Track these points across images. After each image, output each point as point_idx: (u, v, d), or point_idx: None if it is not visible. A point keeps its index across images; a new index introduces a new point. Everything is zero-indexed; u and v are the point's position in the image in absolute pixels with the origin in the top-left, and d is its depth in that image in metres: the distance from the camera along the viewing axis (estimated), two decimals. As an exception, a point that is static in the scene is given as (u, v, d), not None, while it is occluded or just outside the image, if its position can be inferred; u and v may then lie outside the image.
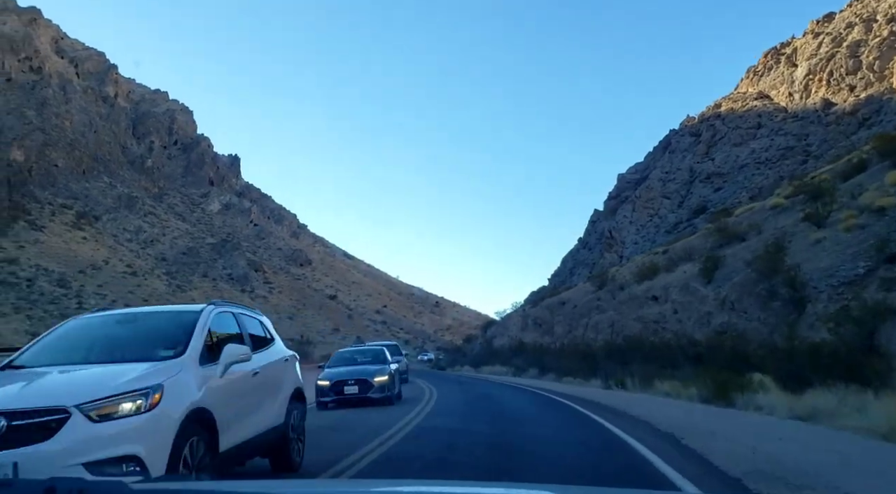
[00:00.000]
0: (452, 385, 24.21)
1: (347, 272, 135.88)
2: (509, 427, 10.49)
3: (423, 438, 9.19)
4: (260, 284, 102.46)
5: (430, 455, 7.79)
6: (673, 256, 26.58)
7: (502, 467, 6.75)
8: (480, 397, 18.27)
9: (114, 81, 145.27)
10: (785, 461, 6.19)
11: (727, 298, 19.52)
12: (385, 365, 17.09)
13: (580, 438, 9.01)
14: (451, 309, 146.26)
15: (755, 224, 24.05)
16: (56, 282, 71.29)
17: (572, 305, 31.29)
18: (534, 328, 34.82)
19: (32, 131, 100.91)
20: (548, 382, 23.56)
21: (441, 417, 12.37)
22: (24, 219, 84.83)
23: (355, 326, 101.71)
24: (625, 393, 16.31)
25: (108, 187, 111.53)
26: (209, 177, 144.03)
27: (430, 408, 14.55)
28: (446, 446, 8.33)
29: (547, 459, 7.35)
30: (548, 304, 35.18)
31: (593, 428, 10.09)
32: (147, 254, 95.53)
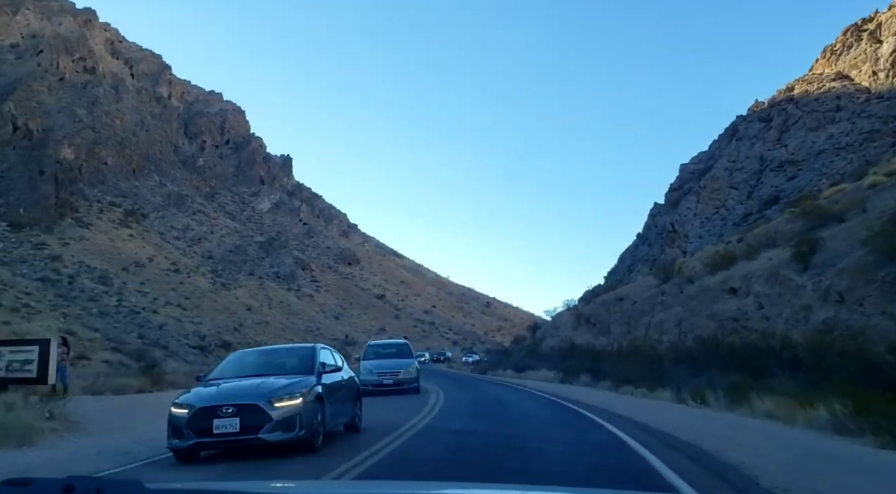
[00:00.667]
0: (469, 394, 20.75)
1: (396, 271, 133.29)
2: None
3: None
4: (307, 283, 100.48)
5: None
6: (752, 243, 22.45)
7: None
8: (503, 416, 14.59)
9: (168, 82, 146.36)
10: None
11: (831, 288, 15.45)
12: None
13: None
14: (503, 310, 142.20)
15: (857, 200, 19.81)
16: (98, 280, 70.20)
17: (631, 301, 27.32)
18: (587, 328, 30.92)
19: (83, 129, 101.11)
20: (602, 391, 19.76)
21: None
22: (72, 216, 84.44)
23: (402, 326, 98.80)
24: (708, 411, 12.50)
25: (158, 185, 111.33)
26: (259, 176, 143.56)
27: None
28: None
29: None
30: (603, 301, 31.17)
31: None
32: (193, 252, 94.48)
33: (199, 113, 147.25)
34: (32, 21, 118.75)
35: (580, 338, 29.64)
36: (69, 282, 67.28)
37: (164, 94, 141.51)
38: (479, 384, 26.54)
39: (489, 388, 23.16)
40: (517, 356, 41.04)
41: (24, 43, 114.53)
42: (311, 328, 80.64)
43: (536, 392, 20.71)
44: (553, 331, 37.85)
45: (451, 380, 27.26)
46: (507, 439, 10.29)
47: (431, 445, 9.78)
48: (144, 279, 74.37)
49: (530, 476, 6.85)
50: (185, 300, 72.81)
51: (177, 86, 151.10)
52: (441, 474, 6.99)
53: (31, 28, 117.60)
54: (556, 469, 7.43)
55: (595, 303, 32.25)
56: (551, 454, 8.67)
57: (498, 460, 8.15)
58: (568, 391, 20.48)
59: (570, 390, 20.61)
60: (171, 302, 70.68)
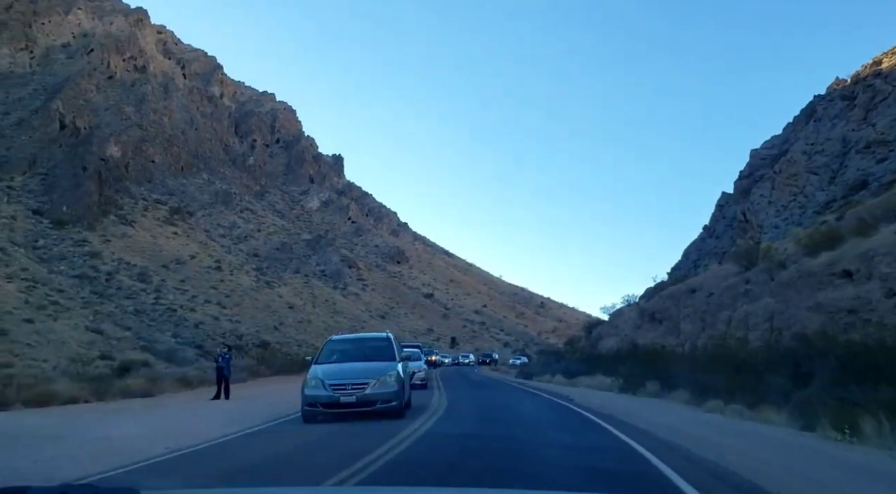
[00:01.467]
0: (484, 411, 16.07)
1: (446, 270, 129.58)
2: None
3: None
4: (353, 281, 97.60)
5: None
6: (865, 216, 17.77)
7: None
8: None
9: (220, 82, 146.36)
10: None
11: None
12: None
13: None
14: (558, 311, 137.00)
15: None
16: (137, 277, 68.38)
17: (706, 293, 22.75)
18: (651, 325, 26.40)
19: (130, 127, 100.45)
20: (678, 407, 14.84)
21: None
22: (115, 213, 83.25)
23: (450, 326, 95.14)
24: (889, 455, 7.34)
25: (206, 184, 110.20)
26: (309, 175, 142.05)
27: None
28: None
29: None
30: (672, 294, 26.42)
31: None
32: (239, 250, 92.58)
33: (250, 112, 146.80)
34: (84, 21, 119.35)
35: (644, 338, 25.12)
36: (107, 280, 65.53)
37: (216, 94, 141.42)
38: (510, 394, 21.47)
39: (519, 403, 18.13)
40: (569, 359, 36.61)
41: (75, 42, 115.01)
42: (356, 327, 77.40)
43: (584, 411, 15.12)
44: (611, 331, 33.30)
45: (479, 388, 23.26)
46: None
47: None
48: (185, 276, 72.36)
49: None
50: (226, 298, 70.48)
51: (229, 86, 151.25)
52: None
53: (82, 27, 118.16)
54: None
55: (661, 297, 27.49)
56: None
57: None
58: (629, 405, 15.60)
59: (631, 404, 15.87)
60: (210, 301, 68.40)
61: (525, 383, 27.42)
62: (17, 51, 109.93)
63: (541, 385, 25.42)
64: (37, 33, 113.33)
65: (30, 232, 72.42)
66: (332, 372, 13.70)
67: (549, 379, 27.38)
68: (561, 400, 18.19)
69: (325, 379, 13.44)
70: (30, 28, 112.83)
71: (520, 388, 22.95)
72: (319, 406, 13.33)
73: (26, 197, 79.71)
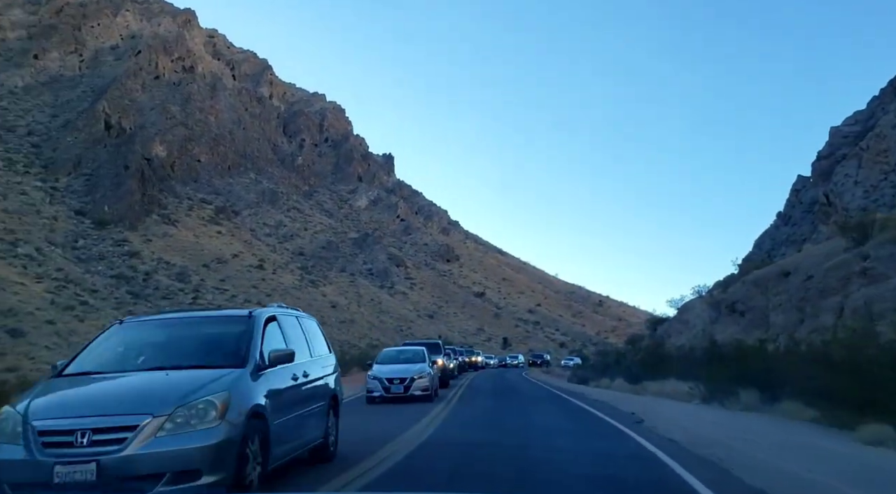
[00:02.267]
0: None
1: (498, 268, 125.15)
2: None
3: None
4: (401, 280, 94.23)
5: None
6: None
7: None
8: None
9: (269, 83, 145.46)
10: None
11: None
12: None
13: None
14: (617, 309, 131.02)
15: None
16: (175, 276, 66.34)
17: (803, 276, 18.18)
18: (731, 319, 21.83)
19: (175, 126, 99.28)
20: (814, 431, 9.73)
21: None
22: (158, 213, 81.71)
23: (502, 326, 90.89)
24: None
25: (253, 183, 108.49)
26: (357, 174, 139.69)
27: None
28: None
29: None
30: (756, 280, 21.73)
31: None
32: (284, 249, 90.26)
33: (299, 112, 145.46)
34: (132, 22, 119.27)
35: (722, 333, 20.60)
36: (144, 279, 63.67)
37: (266, 95, 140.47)
38: (550, 413, 14.54)
39: (557, 432, 11.08)
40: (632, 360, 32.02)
41: (123, 44, 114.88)
42: (401, 327, 74.04)
43: (672, 459, 7.83)
44: (680, 326, 28.76)
45: (509, 399, 17.83)
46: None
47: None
48: (225, 276, 70.10)
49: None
50: (266, 297, 67.73)
51: (278, 87, 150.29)
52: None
53: (130, 29, 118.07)
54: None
55: (744, 285, 22.71)
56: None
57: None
58: (742, 435, 9.56)
59: (744, 434, 9.70)
60: (250, 300, 65.76)
61: (577, 391, 21.96)
62: (67, 54, 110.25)
63: (598, 392, 20.31)
64: (86, 36, 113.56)
65: (70, 232, 71.27)
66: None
67: (609, 384, 22.82)
68: (624, 424, 11.79)
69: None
70: (79, 31, 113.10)
71: (567, 401, 17.51)
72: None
73: (70, 197, 78.84)
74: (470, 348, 55.67)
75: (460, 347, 52.24)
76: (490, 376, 38.33)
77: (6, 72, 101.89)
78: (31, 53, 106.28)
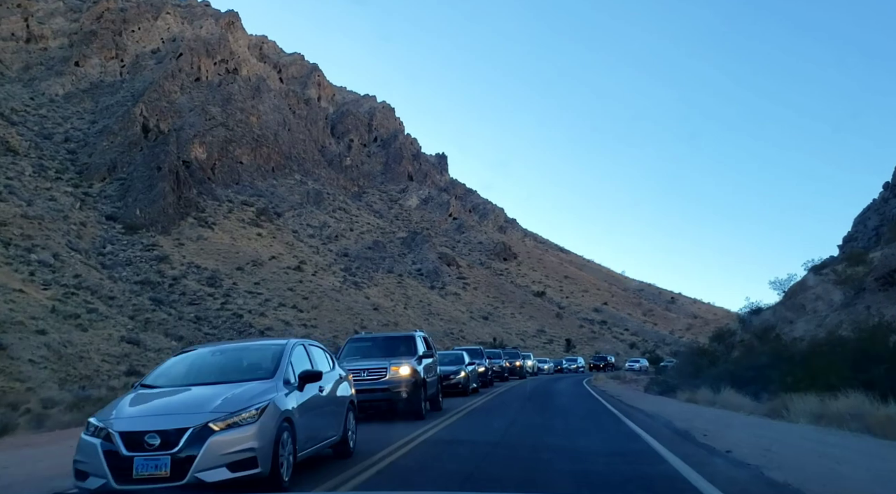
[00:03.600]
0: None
1: (560, 266, 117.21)
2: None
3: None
4: (452, 280, 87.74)
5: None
6: None
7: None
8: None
9: (317, 84, 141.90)
10: None
11: None
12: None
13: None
14: (691, 307, 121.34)
15: None
16: (205, 281, 61.47)
17: None
18: (888, 293, 14.84)
19: (214, 127, 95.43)
20: None
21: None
22: (194, 216, 77.43)
23: (565, 326, 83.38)
24: None
25: (298, 184, 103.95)
26: (408, 172, 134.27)
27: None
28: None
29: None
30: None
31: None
32: (328, 250, 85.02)
33: (347, 112, 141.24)
34: (173, 25, 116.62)
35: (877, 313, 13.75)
36: (170, 285, 59.01)
37: (314, 97, 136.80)
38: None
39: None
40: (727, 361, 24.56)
41: (164, 48, 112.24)
42: (452, 330, 67.53)
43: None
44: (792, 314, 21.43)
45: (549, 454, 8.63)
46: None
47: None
48: (260, 278, 64.97)
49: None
50: (303, 300, 62.37)
51: (327, 89, 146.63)
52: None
53: (171, 32, 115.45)
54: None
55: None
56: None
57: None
58: None
59: None
60: (284, 304, 60.48)
61: (662, 415, 13.10)
62: (108, 60, 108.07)
63: (693, 411, 13.24)
64: (127, 41, 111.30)
65: (99, 237, 67.52)
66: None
67: (713, 398, 14.94)
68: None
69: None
70: (120, 36, 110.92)
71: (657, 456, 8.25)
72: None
73: (103, 202, 75.40)
74: (514, 349, 47.64)
75: (501, 349, 45.17)
76: (537, 386, 28.80)
77: (47, 80, 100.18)
78: (73, 61, 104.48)
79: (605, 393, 22.17)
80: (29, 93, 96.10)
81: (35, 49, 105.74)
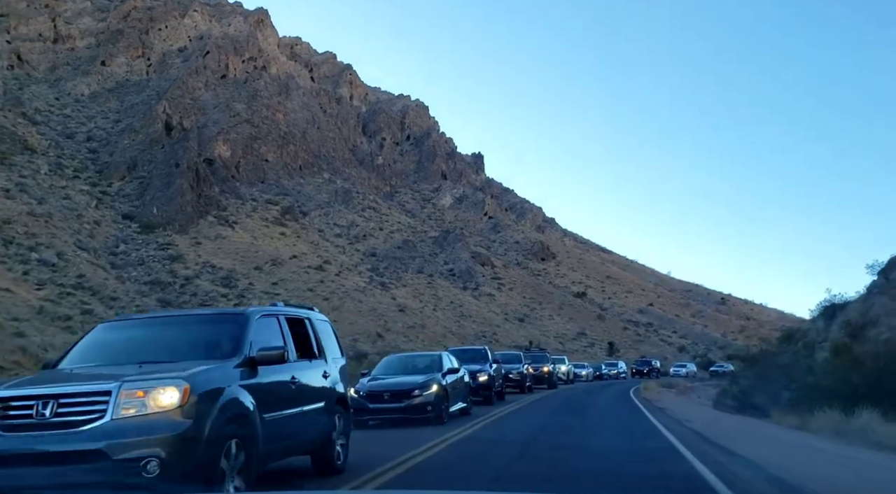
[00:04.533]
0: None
1: (602, 266, 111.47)
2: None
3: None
4: (486, 280, 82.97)
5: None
6: None
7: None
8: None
9: (349, 83, 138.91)
10: None
11: None
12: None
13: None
14: (743, 307, 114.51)
15: None
16: (220, 281, 57.84)
17: None
18: None
19: (239, 124, 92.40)
20: None
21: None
22: (215, 214, 74.21)
23: (608, 329, 77.97)
24: None
25: (326, 183, 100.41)
26: (442, 171, 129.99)
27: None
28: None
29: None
30: None
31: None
32: (355, 250, 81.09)
33: (379, 110, 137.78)
34: (200, 23, 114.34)
35: None
36: (182, 285, 55.49)
37: (346, 96, 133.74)
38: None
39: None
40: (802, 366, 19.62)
41: (191, 46, 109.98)
42: (485, 332, 62.74)
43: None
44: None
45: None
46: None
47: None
48: (279, 278, 61.21)
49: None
50: (323, 301, 58.28)
51: (359, 88, 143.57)
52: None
53: (198, 30, 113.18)
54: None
55: None
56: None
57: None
58: None
59: None
60: (303, 305, 56.43)
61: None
62: (134, 58, 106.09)
63: (854, 461, 7.80)
64: (153, 39, 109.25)
65: (113, 237, 64.58)
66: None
67: (780, 419, 9.68)
68: None
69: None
70: (146, 35, 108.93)
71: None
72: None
73: (121, 201, 72.68)
74: (541, 350, 41.75)
75: (538, 351, 40.03)
76: (567, 401, 22.96)
77: (73, 80, 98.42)
78: (99, 60, 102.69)
79: (667, 414, 16.38)
80: (55, 93, 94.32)
81: (62, 49, 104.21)
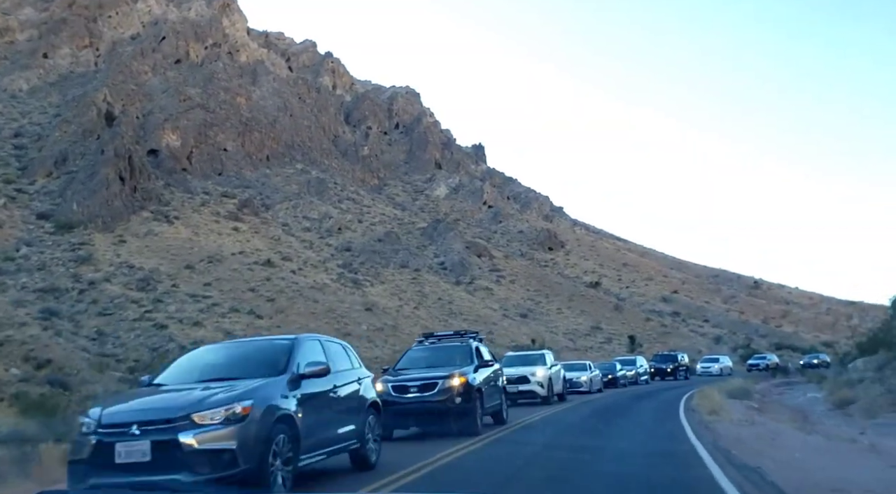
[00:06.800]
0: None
1: (617, 253, 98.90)
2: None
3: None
4: (483, 273, 70.73)
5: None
6: None
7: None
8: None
9: (330, 71, 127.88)
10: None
11: None
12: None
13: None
14: (778, 292, 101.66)
15: None
16: (135, 284, 45.93)
17: None
18: None
19: (191, 109, 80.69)
20: None
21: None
22: (152, 209, 62.49)
23: (627, 321, 65.66)
24: None
25: (298, 173, 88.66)
26: (435, 160, 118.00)
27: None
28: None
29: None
30: None
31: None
32: (325, 244, 69.20)
33: (363, 96, 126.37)
34: (154, 7, 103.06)
35: None
36: (80, 292, 43.70)
37: (328, 85, 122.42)
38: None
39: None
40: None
41: (144, 32, 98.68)
42: (478, 331, 50.31)
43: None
44: None
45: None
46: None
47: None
48: (214, 278, 49.39)
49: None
50: (267, 302, 46.46)
51: (343, 77, 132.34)
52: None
53: (153, 15, 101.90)
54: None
55: None
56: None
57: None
58: None
59: None
60: (238, 308, 44.63)
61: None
62: (81, 48, 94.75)
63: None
64: (102, 27, 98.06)
65: (17, 239, 53.08)
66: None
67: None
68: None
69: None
70: (94, 23, 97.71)
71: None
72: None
73: (40, 200, 61.17)
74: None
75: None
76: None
77: (10, 75, 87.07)
78: (41, 52, 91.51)
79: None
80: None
81: (1, 43, 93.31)
